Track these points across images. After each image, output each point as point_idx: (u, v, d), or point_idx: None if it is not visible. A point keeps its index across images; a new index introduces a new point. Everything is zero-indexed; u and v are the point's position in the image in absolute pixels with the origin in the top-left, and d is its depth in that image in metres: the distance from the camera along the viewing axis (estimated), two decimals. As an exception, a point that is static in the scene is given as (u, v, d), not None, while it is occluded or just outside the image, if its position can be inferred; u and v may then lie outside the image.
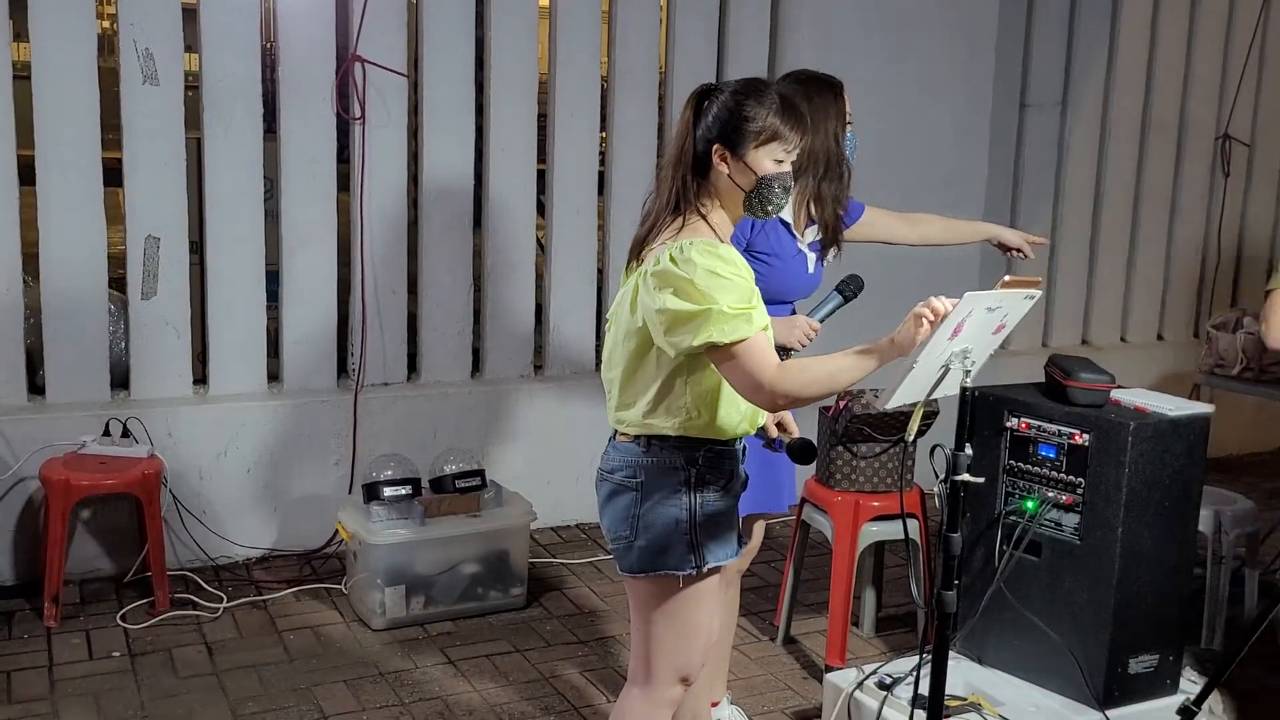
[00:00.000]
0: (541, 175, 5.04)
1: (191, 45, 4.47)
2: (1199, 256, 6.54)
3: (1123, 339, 6.41)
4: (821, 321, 3.07)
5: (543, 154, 5.02)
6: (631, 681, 2.65)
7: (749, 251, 3.05)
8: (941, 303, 2.27)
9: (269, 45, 4.84)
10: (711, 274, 2.34)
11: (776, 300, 3.02)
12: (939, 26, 5.39)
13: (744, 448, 2.60)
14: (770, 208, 2.49)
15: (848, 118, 3.18)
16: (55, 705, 3.53)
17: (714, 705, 3.42)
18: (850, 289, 3.08)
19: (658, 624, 2.56)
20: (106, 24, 5.99)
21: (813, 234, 3.21)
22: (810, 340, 3.04)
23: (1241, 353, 4.66)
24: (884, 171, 5.33)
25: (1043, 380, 3.44)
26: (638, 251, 2.52)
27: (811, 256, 3.21)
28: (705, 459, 2.50)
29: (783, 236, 3.13)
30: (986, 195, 5.67)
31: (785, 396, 2.35)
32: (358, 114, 4.58)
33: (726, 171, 2.46)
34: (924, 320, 2.26)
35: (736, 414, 2.50)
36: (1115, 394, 3.32)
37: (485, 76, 4.84)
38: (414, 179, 4.88)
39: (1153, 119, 6.21)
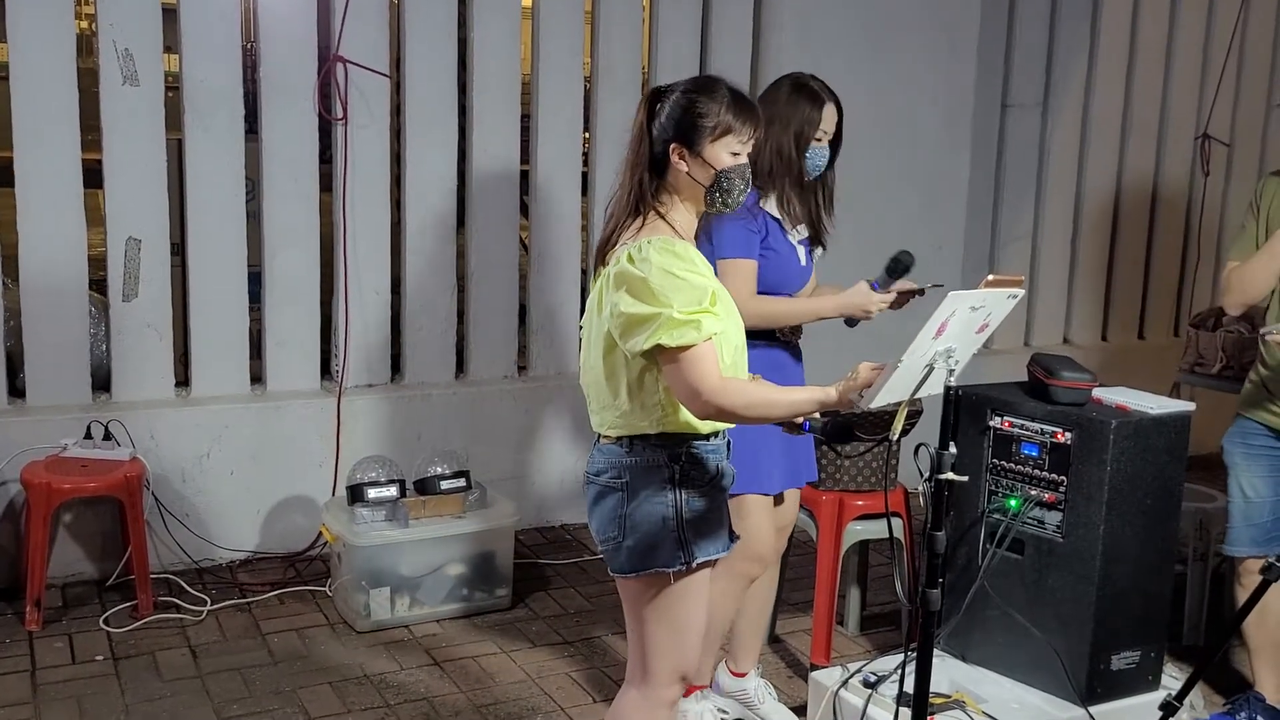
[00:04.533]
0: (525, 176, 5.04)
1: (171, 46, 4.46)
2: (1179, 256, 6.58)
3: (1103, 338, 6.44)
4: (879, 290, 3.21)
5: (526, 155, 5.01)
6: (629, 682, 2.66)
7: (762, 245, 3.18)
8: (866, 370, 2.37)
9: (250, 45, 4.83)
10: (666, 273, 2.37)
11: (775, 291, 3.18)
12: (921, 27, 5.40)
13: (728, 442, 2.61)
14: (730, 200, 2.52)
15: (818, 132, 3.19)
16: (38, 709, 3.51)
17: (741, 675, 3.55)
18: (897, 270, 3.22)
19: (651, 623, 2.57)
20: (85, 24, 5.96)
21: (802, 231, 3.30)
22: (885, 305, 3.19)
23: (1221, 351, 4.67)
24: (866, 172, 5.35)
25: (1025, 379, 3.45)
26: (602, 255, 2.55)
27: (803, 250, 3.30)
28: (688, 455, 2.51)
29: (777, 232, 3.22)
30: (968, 195, 5.70)
31: (720, 410, 2.39)
32: (340, 115, 4.57)
33: (685, 169, 2.49)
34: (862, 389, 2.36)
35: None
36: (1097, 392, 3.34)
37: (468, 77, 4.84)
38: (396, 180, 4.86)
39: (1133, 119, 6.24)
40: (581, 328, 2.65)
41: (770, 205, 3.20)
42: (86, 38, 5.25)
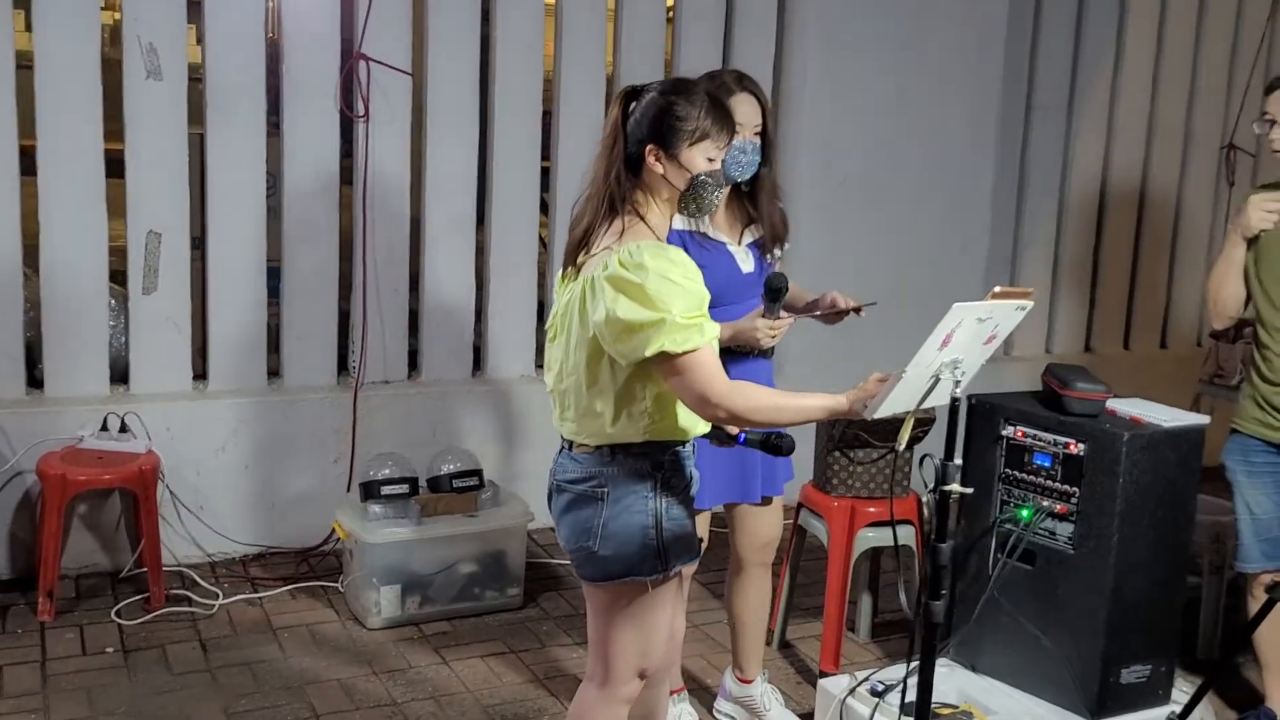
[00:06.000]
0: (545, 174, 5.04)
1: (195, 40, 4.47)
2: (1203, 266, 6.51)
3: (1125, 347, 6.38)
4: (767, 317, 2.97)
5: (546, 153, 5.01)
6: (589, 679, 2.66)
7: None
8: (874, 382, 2.38)
9: (273, 41, 4.85)
10: (664, 279, 2.33)
11: (716, 303, 2.82)
12: (947, 28, 5.37)
13: (693, 447, 2.60)
14: (704, 205, 2.50)
15: (735, 127, 2.84)
16: (47, 700, 3.53)
17: (748, 682, 3.52)
18: (769, 292, 2.98)
19: (619, 628, 2.56)
20: (110, 16, 6.01)
21: (751, 234, 3.17)
22: (775, 333, 2.97)
23: (1241, 363, 4.63)
24: (890, 172, 5.34)
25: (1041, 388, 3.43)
26: (574, 258, 2.50)
27: (749, 255, 3.15)
28: (670, 462, 2.50)
29: (693, 244, 3.03)
30: (992, 197, 5.66)
31: (731, 413, 2.38)
32: (361, 111, 4.58)
33: (661, 171, 2.46)
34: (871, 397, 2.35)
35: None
36: (1111, 404, 3.31)
37: (490, 75, 4.84)
38: (417, 177, 4.87)
39: (1158, 126, 6.19)
40: (549, 330, 2.59)
41: (677, 219, 2.72)
42: (112, 29, 5.29)
